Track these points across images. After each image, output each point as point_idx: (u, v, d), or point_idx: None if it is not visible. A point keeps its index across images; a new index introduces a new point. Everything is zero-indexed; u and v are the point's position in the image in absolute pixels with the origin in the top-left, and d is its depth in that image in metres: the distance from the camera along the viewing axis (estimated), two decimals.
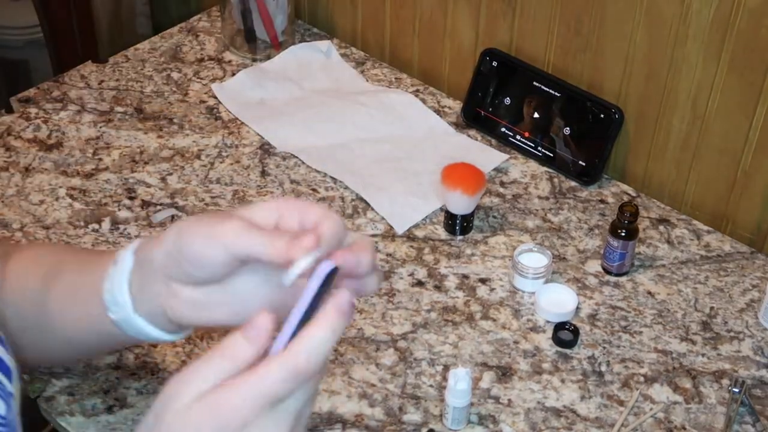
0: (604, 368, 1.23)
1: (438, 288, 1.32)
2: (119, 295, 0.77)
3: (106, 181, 1.46)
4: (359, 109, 1.60)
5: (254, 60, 1.71)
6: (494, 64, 1.56)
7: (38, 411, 1.13)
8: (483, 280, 1.33)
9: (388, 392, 1.18)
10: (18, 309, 0.85)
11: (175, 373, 0.62)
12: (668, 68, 1.39)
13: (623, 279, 1.34)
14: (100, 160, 1.50)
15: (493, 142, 1.56)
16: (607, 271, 1.35)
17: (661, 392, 1.20)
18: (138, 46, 1.75)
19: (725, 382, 1.21)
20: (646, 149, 1.48)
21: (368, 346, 1.23)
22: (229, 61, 1.71)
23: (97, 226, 1.39)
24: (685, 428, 1.16)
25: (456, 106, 1.63)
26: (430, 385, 1.19)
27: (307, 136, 1.55)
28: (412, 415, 1.16)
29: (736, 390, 1.19)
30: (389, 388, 1.18)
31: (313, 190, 1.46)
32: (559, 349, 1.25)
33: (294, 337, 0.60)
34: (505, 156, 1.53)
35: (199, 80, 1.67)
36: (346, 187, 1.47)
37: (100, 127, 1.56)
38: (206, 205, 1.43)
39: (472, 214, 1.39)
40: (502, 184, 1.49)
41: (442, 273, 1.34)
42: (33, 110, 1.59)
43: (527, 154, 1.54)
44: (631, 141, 1.48)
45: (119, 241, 1.36)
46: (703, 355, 1.25)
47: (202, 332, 1.21)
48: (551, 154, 1.51)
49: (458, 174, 1.36)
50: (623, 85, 1.45)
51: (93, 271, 0.80)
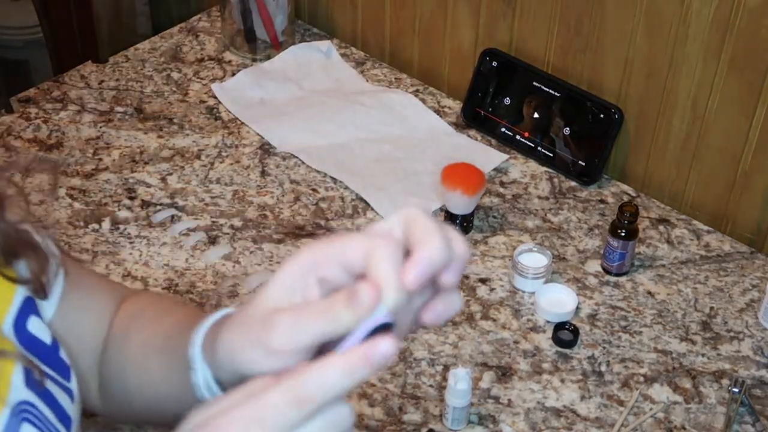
0: (604, 368, 1.22)
1: None
2: (207, 393, 0.66)
3: (106, 181, 1.46)
4: (359, 109, 1.60)
5: (254, 60, 1.71)
6: (494, 64, 1.56)
7: None
8: (483, 280, 1.33)
9: (388, 392, 1.18)
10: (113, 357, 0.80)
11: None
12: (668, 68, 1.39)
13: (623, 279, 1.34)
14: (100, 160, 1.50)
15: (493, 142, 1.56)
16: (607, 271, 1.35)
17: (661, 392, 1.20)
18: (138, 46, 1.75)
19: (725, 382, 1.21)
20: (646, 149, 1.48)
21: None
22: (229, 61, 1.71)
23: (97, 226, 1.39)
24: (685, 428, 1.16)
25: (456, 106, 1.63)
26: (430, 385, 1.19)
27: (307, 136, 1.55)
28: (412, 415, 1.16)
29: (736, 390, 1.19)
30: (389, 388, 1.18)
31: (313, 190, 1.46)
32: (559, 349, 1.25)
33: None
34: (505, 156, 1.53)
35: (199, 80, 1.67)
36: (346, 187, 1.47)
37: (100, 127, 1.56)
38: (206, 205, 1.43)
39: (472, 214, 1.39)
40: (502, 184, 1.49)
41: None
42: (33, 110, 1.59)
43: (527, 154, 1.54)
44: (631, 141, 1.48)
45: (119, 241, 1.36)
46: (703, 355, 1.25)
47: None
48: (551, 154, 1.51)
49: (458, 174, 1.36)
50: (623, 85, 1.45)
51: (171, 348, 0.71)
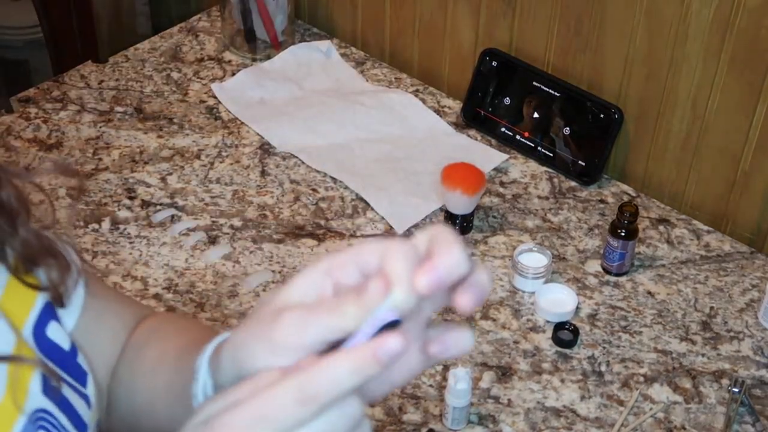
0: (604, 368, 1.22)
1: None
2: (203, 399, 0.66)
3: (106, 181, 1.46)
4: (359, 109, 1.60)
5: (254, 60, 1.71)
6: (494, 64, 1.56)
7: None
8: None
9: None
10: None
11: None
12: (668, 68, 1.39)
13: (623, 279, 1.34)
14: (100, 160, 1.50)
15: (493, 142, 1.56)
16: (607, 271, 1.35)
17: (661, 392, 1.20)
18: (138, 46, 1.75)
19: (725, 382, 1.21)
20: (646, 149, 1.48)
21: None
22: (229, 61, 1.71)
23: (97, 226, 1.39)
24: (685, 428, 1.16)
25: (456, 106, 1.63)
26: (430, 385, 1.19)
27: (307, 136, 1.55)
28: (412, 415, 1.16)
29: (736, 390, 1.19)
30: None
31: (313, 190, 1.46)
32: (559, 349, 1.25)
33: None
34: (505, 156, 1.53)
35: (199, 80, 1.67)
36: (346, 187, 1.47)
37: (100, 127, 1.56)
38: (206, 204, 1.43)
39: (472, 214, 1.39)
40: (502, 184, 1.49)
41: None
42: (33, 110, 1.59)
43: (527, 154, 1.54)
44: (631, 141, 1.48)
45: (119, 241, 1.36)
46: (703, 355, 1.25)
47: None
48: (551, 154, 1.51)
49: (458, 174, 1.36)
50: (623, 85, 1.45)
51: (183, 360, 0.70)
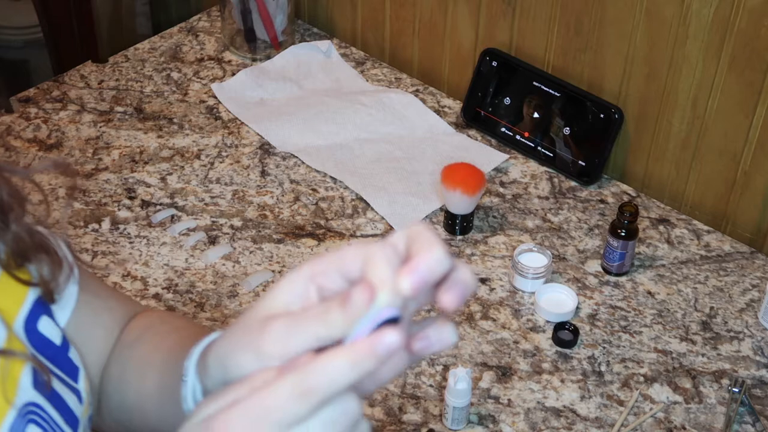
0: (604, 368, 1.22)
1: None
2: (193, 404, 0.65)
3: (105, 181, 1.46)
4: (359, 109, 1.60)
5: (254, 60, 1.71)
6: (494, 64, 1.56)
7: None
8: (483, 280, 1.33)
9: (387, 392, 1.18)
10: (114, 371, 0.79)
11: None
12: (668, 68, 1.39)
13: (623, 279, 1.34)
14: (100, 160, 1.50)
15: (493, 141, 1.56)
16: (607, 271, 1.35)
17: (661, 392, 1.20)
18: (138, 46, 1.75)
19: (725, 382, 1.21)
20: (646, 149, 1.48)
21: None
22: (229, 61, 1.71)
23: (97, 226, 1.39)
24: (685, 428, 1.16)
25: (456, 105, 1.63)
26: (430, 385, 1.19)
27: (307, 136, 1.55)
28: (412, 415, 1.16)
29: (736, 390, 1.19)
30: (389, 388, 1.18)
31: (313, 190, 1.46)
32: (559, 349, 1.25)
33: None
34: (505, 156, 1.53)
35: (199, 80, 1.67)
36: (346, 187, 1.47)
37: (100, 127, 1.56)
38: (206, 205, 1.43)
39: (472, 214, 1.39)
40: (502, 184, 1.49)
41: None
42: (33, 110, 1.59)
43: (527, 154, 1.54)
44: (631, 141, 1.48)
45: (119, 241, 1.36)
46: (703, 355, 1.25)
47: None
48: (551, 154, 1.51)
49: (458, 174, 1.36)
50: (623, 85, 1.45)
51: (173, 359, 0.70)
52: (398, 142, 1.55)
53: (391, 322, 0.53)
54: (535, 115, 1.53)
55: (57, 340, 0.71)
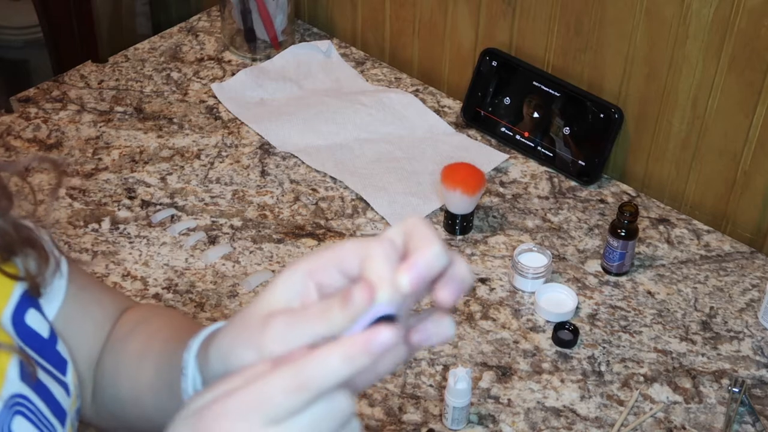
0: (603, 368, 1.22)
1: None
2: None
3: (105, 181, 1.46)
4: (359, 109, 1.60)
5: (254, 60, 1.71)
6: (494, 64, 1.56)
7: None
8: (483, 280, 1.33)
9: (387, 392, 1.18)
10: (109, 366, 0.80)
11: None
12: (668, 68, 1.39)
13: (623, 279, 1.34)
14: (100, 159, 1.50)
15: (493, 141, 1.56)
16: (607, 271, 1.35)
17: (661, 392, 1.20)
18: (138, 45, 1.75)
19: (725, 381, 1.21)
20: (646, 149, 1.48)
21: None
22: (229, 61, 1.71)
23: (96, 226, 1.39)
24: (684, 428, 1.16)
25: (456, 105, 1.63)
26: (430, 385, 1.19)
27: (307, 136, 1.55)
28: (412, 415, 1.16)
29: (736, 390, 1.19)
30: (389, 388, 1.18)
31: (313, 190, 1.46)
32: (559, 349, 1.25)
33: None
34: (505, 156, 1.53)
35: (198, 80, 1.67)
36: (346, 187, 1.47)
37: (100, 127, 1.56)
38: (206, 204, 1.43)
39: (472, 214, 1.39)
40: (502, 184, 1.49)
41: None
42: (33, 110, 1.59)
43: (527, 154, 1.54)
44: (631, 141, 1.48)
45: (119, 241, 1.36)
46: (703, 355, 1.25)
47: None
48: (551, 154, 1.51)
49: (458, 174, 1.36)
50: (623, 85, 1.45)
51: (171, 349, 0.70)
52: (398, 142, 1.55)
53: (386, 318, 0.54)
54: (535, 115, 1.53)
55: (45, 333, 0.72)
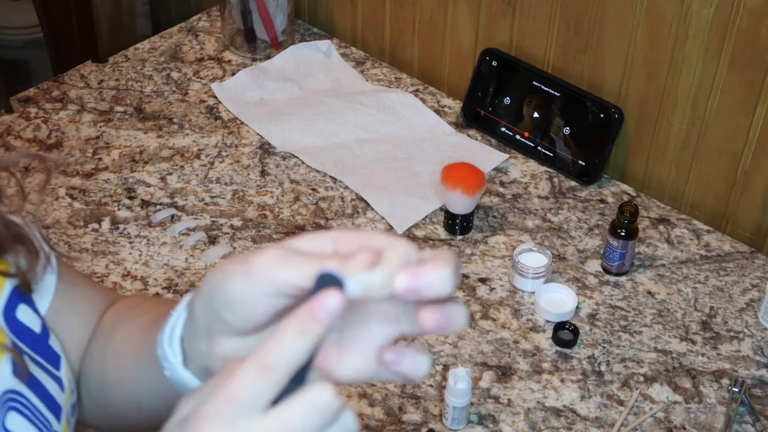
0: (603, 368, 1.22)
1: None
2: (169, 350, 0.65)
3: (105, 181, 1.46)
4: (359, 109, 1.60)
5: (254, 60, 1.71)
6: (494, 64, 1.56)
7: None
8: (483, 280, 1.33)
9: (387, 392, 1.18)
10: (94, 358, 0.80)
11: None
12: (668, 68, 1.39)
13: (623, 279, 1.34)
14: (100, 159, 1.50)
15: (493, 141, 1.56)
16: (607, 271, 1.35)
17: (661, 392, 1.20)
18: (138, 45, 1.75)
19: (725, 381, 1.21)
20: (646, 149, 1.48)
21: None
22: (229, 61, 1.71)
23: (96, 226, 1.39)
24: (684, 428, 1.16)
25: (456, 105, 1.63)
26: (430, 385, 1.19)
27: (307, 135, 1.55)
28: (412, 415, 1.16)
29: (736, 390, 1.19)
30: (389, 388, 1.18)
31: (313, 190, 1.46)
32: (559, 349, 1.25)
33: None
34: (505, 156, 1.53)
35: (199, 80, 1.67)
36: (346, 187, 1.47)
37: (100, 127, 1.56)
38: (206, 204, 1.43)
39: (472, 214, 1.39)
40: (502, 183, 1.49)
41: None
42: (33, 110, 1.59)
43: (527, 154, 1.54)
44: (631, 141, 1.48)
45: (119, 241, 1.36)
46: (703, 355, 1.25)
47: None
48: (551, 154, 1.51)
49: (458, 174, 1.36)
50: (623, 85, 1.45)
51: (157, 323, 0.69)
52: (398, 142, 1.55)
53: (335, 286, 0.53)
54: (535, 115, 1.53)
55: (37, 328, 0.72)
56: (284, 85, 1.66)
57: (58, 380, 0.72)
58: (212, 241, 1.37)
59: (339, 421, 0.52)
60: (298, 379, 0.53)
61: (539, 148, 1.52)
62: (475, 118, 1.58)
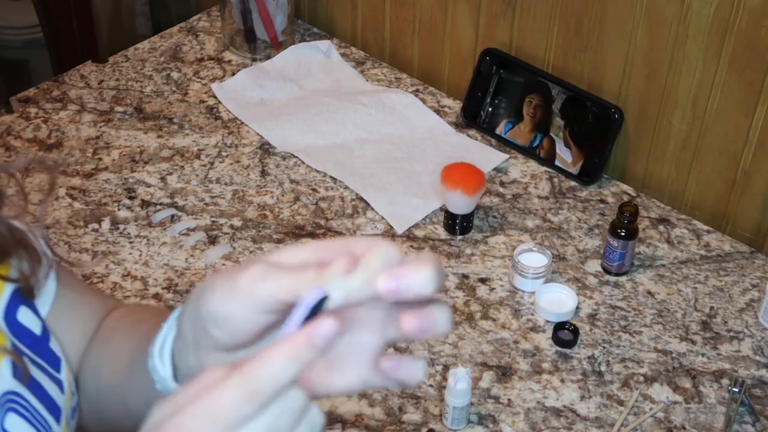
0: (603, 368, 1.22)
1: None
2: (159, 362, 0.66)
3: (105, 181, 1.46)
4: (359, 109, 1.60)
5: (254, 60, 1.71)
6: (494, 64, 1.56)
7: None
8: (483, 280, 1.33)
9: (387, 392, 1.18)
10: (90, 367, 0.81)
11: None
12: (668, 68, 1.39)
13: (623, 279, 1.34)
14: (100, 159, 1.50)
15: (493, 141, 1.56)
16: (607, 271, 1.35)
17: (661, 392, 1.20)
18: (138, 45, 1.75)
19: (725, 381, 1.21)
20: (646, 149, 1.48)
21: None
22: (229, 61, 1.71)
23: (97, 226, 1.39)
24: (684, 428, 1.16)
25: (456, 105, 1.63)
26: (430, 385, 1.19)
27: (307, 135, 1.55)
28: (412, 415, 1.16)
29: (736, 390, 1.19)
30: (389, 388, 1.18)
31: (313, 190, 1.46)
32: (559, 349, 1.25)
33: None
34: (505, 156, 1.53)
35: (199, 80, 1.67)
36: (346, 187, 1.47)
37: (100, 127, 1.56)
38: (206, 204, 1.43)
39: (472, 214, 1.39)
40: (502, 183, 1.49)
41: None
42: (33, 110, 1.59)
43: (527, 154, 1.54)
44: (631, 141, 1.48)
45: (119, 241, 1.36)
46: (703, 355, 1.25)
47: None
48: (551, 154, 1.51)
49: (458, 174, 1.36)
50: (623, 85, 1.45)
51: (150, 335, 0.69)
52: (398, 142, 1.55)
53: (320, 303, 0.54)
54: (535, 115, 1.53)
55: (37, 330, 0.72)
56: (284, 85, 1.66)
57: (59, 382, 0.72)
58: (212, 241, 1.37)
59: (305, 418, 0.53)
60: None
61: (539, 148, 1.52)
62: (475, 118, 1.58)
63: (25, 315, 0.71)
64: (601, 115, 1.47)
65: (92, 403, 0.79)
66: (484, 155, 1.52)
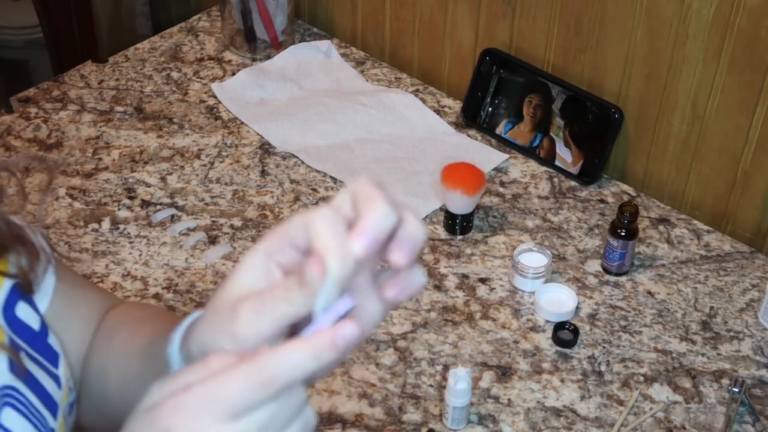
0: (603, 368, 1.22)
1: (438, 288, 1.32)
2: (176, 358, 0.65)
3: (106, 181, 1.46)
4: (359, 109, 1.60)
5: (254, 60, 1.71)
6: (494, 64, 1.56)
7: None
8: (483, 280, 1.33)
9: (387, 392, 1.18)
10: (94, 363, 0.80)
11: None
12: (668, 68, 1.39)
13: (623, 279, 1.34)
14: (100, 159, 1.50)
15: (493, 141, 1.56)
16: (607, 271, 1.35)
17: (661, 392, 1.20)
18: (138, 45, 1.75)
19: (725, 381, 1.21)
20: (646, 149, 1.48)
21: (368, 346, 1.23)
22: (229, 61, 1.71)
23: (97, 226, 1.39)
24: (684, 428, 1.16)
25: (456, 105, 1.63)
26: (430, 385, 1.19)
27: (307, 135, 1.56)
28: (412, 415, 1.16)
29: (736, 390, 1.19)
30: (389, 388, 1.18)
31: (313, 190, 1.46)
32: (559, 349, 1.25)
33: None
34: (505, 156, 1.53)
35: (199, 80, 1.67)
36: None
37: (100, 127, 1.56)
38: (206, 204, 1.43)
39: (472, 214, 1.39)
40: (502, 183, 1.49)
41: (442, 273, 1.34)
42: (33, 110, 1.59)
43: (527, 154, 1.54)
44: (631, 141, 1.48)
45: (119, 241, 1.36)
46: (703, 355, 1.25)
47: None
48: (551, 154, 1.51)
49: (458, 174, 1.36)
50: (623, 85, 1.45)
51: (160, 339, 0.69)
52: (398, 142, 1.55)
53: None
54: (535, 115, 1.53)
55: (35, 326, 0.72)
56: (284, 85, 1.66)
57: (56, 378, 0.72)
58: (212, 241, 1.37)
59: (300, 417, 0.54)
60: None
61: (539, 148, 1.52)
62: (475, 118, 1.58)
63: (23, 310, 0.71)
64: (601, 115, 1.47)
65: (98, 405, 0.79)
66: (484, 155, 1.52)
